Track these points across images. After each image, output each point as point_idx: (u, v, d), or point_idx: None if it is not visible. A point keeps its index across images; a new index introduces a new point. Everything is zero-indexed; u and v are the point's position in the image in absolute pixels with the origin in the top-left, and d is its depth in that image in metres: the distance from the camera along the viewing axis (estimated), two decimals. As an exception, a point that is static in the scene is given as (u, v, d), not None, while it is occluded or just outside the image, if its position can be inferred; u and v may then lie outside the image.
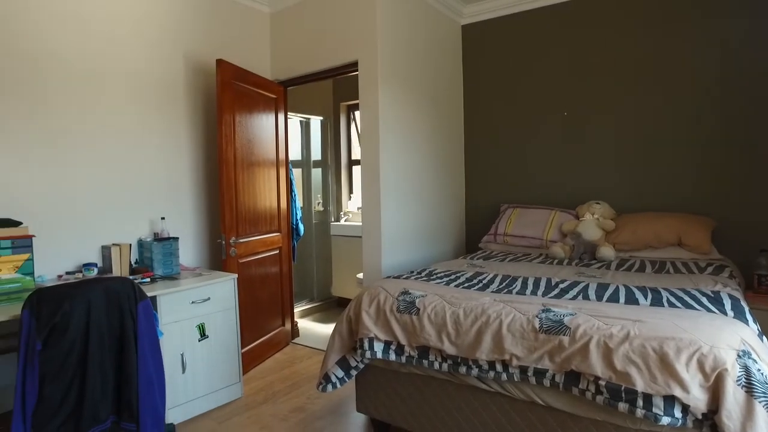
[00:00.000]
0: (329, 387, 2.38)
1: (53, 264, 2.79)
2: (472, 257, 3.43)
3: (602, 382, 1.69)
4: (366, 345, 2.25)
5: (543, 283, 2.46)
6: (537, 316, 1.92)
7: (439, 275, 2.69)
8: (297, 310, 4.43)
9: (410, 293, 2.31)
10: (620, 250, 3.26)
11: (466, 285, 2.46)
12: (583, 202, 3.66)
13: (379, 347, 2.25)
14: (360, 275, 4.24)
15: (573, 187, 3.85)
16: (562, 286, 2.39)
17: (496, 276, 2.67)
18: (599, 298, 2.14)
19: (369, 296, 2.37)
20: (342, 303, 5.19)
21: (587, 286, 2.37)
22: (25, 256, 2.50)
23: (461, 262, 3.17)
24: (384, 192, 3.40)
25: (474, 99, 4.32)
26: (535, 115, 4.01)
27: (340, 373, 2.37)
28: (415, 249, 3.73)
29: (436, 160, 3.99)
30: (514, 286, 2.42)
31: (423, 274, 2.73)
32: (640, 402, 1.62)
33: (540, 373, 1.84)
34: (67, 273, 2.79)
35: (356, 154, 5.34)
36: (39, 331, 1.92)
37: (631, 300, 2.07)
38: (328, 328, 4.49)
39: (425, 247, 3.86)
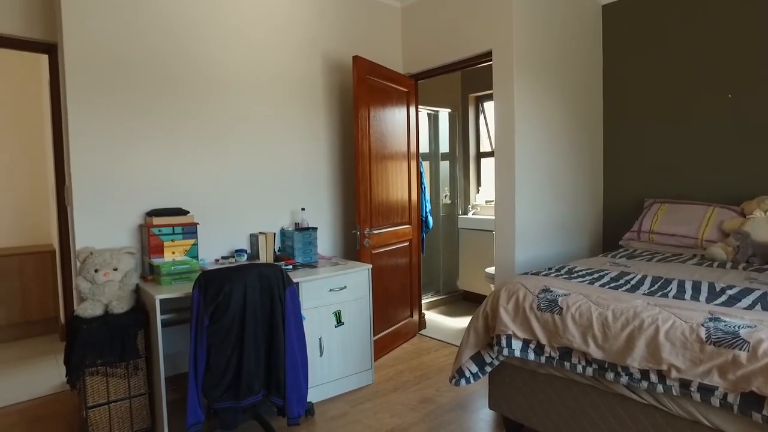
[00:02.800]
0: (462, 381, 2.36)
1: (211, 249, 3.12)
2: (614, 255, 3.17)
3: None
4: (503, 342, 2.19)
5: (705, 288, 2.18)
6: (703, 325, 1.71)
7: (580, 273, 2.52)
8: (423, 302, 4.47)
9: (551, 291, 2.19)
10: (803, 253, 2.79)
11: (611, 285, 2.27)
12: (750, 197, 3.18)
13: (517, 345, 2.17)
14: (490, 269, 4.15)
15: (737, 180, 3.37)
16: (730, 292, 2.10)
17: (645, 277, 2.43)
18: (782, 308, 1.84)
19: (507, 292, 2.30)
20: (468, 297, 5.14)
21: (765, 294, 2.05)
22: (192, 241, 2.83)
23: (603, 260, 2.95)
24: (518, 185, 3.27)
25: (615, 84, 3.97)
26: (689, 99, 3.56)
27: (474, 369, 2.34)
28: (548, 244, 3.55)
29: (572, 151, 3.75)
30: (668, 289, 2.18)
31: (563, 271, 2.58)
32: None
33: (707, 390, 1.63)
34: (222, 257, 3.10)
35: (485, 146, 5.22)
36: (206, 308, 2.16)
37: (827, 313, 1.76)
38: (454, 321, 4.47)
39: (559, 242, 3.65)
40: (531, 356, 2.15)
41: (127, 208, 2.83)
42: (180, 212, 2.85)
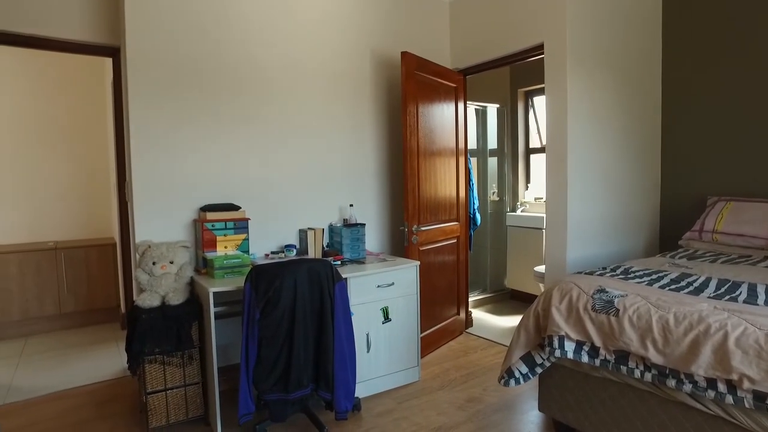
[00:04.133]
0: (512, 382, 2.31)
1: (261, 244, 3.19)
2: (672, 255, 3.01)
3: None
4: (555, 343, 2.12)
5: (778, 292, 2.04)
6: (778, 332, 1.59)
7: (637, 274, 2.42)
8: (470, 300, 4.41)
9: (607, 291, 2.11)
10: None
11: (672, 287, 2.16)
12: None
13: (570, 347, 2.10)
14: (539, 268, 4.05)
15: (815, 177, 3.13)
16: (807, 297, 1.95)
17: (709, 279, 2.29)
18: None
19: (560, 292, 2.23)
20: (515, 296, 5.04)
21: None
22: (243, 236, 2.90)
23: (661, 261, 2.81)
24: (570, 181, 3.17)
25: (675, 73, 3.77)
26: (760, 88, 3.33)
27: (524, 369, 2.28)
28: (601, 243, 3.42)
29: (627, 145, 3.59)
30: (737, 292, 2.05)
31: (618, 271, 2.48)
32: None
33: (783, 402, 1.53)
34: (272, 252, 3.16)
35: (534, 142, 5.09)
36: (258, 301, 2.21)
37: None
38: (501, 320, 4.39)
39: (612, 241, 3.51)
40: (585, 358, 2.07)
41: (181, 203, 2.93)
42: (232, 207, 2.93)
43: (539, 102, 5.01)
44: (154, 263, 2.62)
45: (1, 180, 4.41)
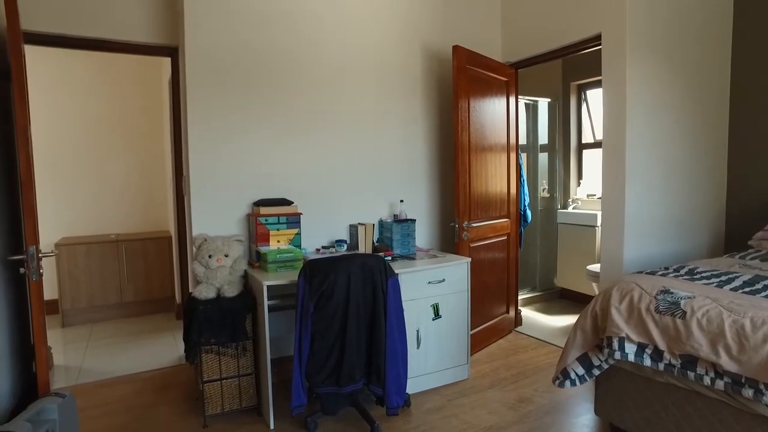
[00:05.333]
0: (567, 383, 2.24)
1: (312, 238, 3.23)
2: (742, 256, 2.84)
3: None
4: (615, 345, 2.04)
5: None
6: None
7: (704, 275, 2.29)
8: (519, 298, 4.33)
9: (672, 293, 2.01)
10: None
11: (746, 290, 2.03)
12: None
13: (631, 349, 2.02)
14: (592, 267, 3.92)
15: None
16: None
17: (786, 282, 2.15)
18: None
19: (619, 292, 2.15)
20: (565, 295, 4.90)
21: None
22: (295, 230, 2.94)
23: (730, 262, 2.66)
24: (628, 177, 3.04)
25: (747, 59, 3.54)
26: None
27: (581, 371, 2.21)
28: (661, 242, 3.27)
29: (691, 139, 3.41)
30: (818, 296, 1.91)
31: (682, 272, 2.36)
32: None
33: None
34: (323, 247, 3.20)
35: (587, 137, 4.93)
36: (311, 296, 2.23)
37: None
38: (551, 320, 4.29)
39: (673, 240, 3.35)
40: (647, 362, 1.99)
41: (236, 198, 3.00)
42: (284, 202, 2.97)
43: (593, 96, 4.84)
44: (210, 256, 2.70)
45: (69, 176, 4.66)
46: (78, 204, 4.72)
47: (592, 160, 4.85)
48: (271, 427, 2.55)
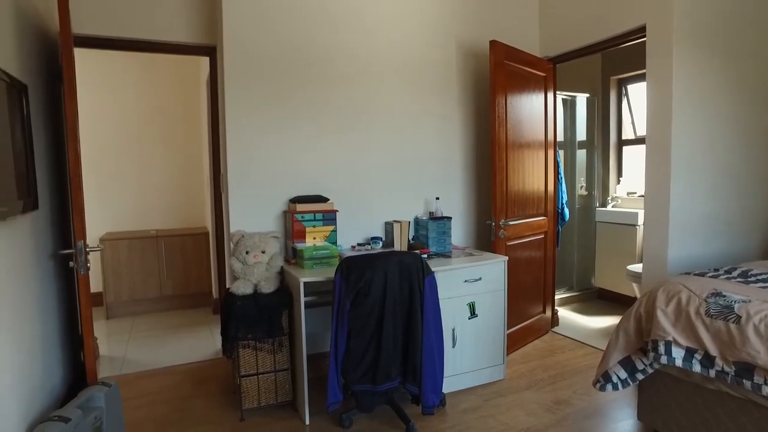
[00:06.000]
0: (608, 387, 2.18)
1: (347, 235, 3.23)
2: (797, 258, 2.71)
3: None
4: (661, 349, 1.97)
5: None
6: None
7: (759, 277, 2.19)
8: (556, 297, 4.24)
9: (725, 296, 1.92)
10: None
11: (805, 294, 1.93)
12: None
13: (678, 354, 1.94)
14: (633, 267, 3.81)
15: None
16: None
17: None
18: None
19: (666, 293, 2.07)
20: (603, 295, 4.78)
21: None
22: (331, 227, 2.95)
23: (784, 264, 2.53)
24: (674, 175, 2.93)
25: (804, 56, 3.36)
26: None
27: (623, 374, 2.14)
28: (707, 242, 3.14)
29: (743, 138, 3.25)
30: None
31: (734, 273, 2.26)
32: None
33: None
34: (358, 244, 3.20)
35: (627, 133, 4.78)
36: (348, 293, 2.24)
37: None
38: (588, 320, 4.19)
39: (722, 241, 3.21)
40: (696, 368, 1.91)
41: (272, 195, 3.03)
42: (320, 199, 2.99)
43: (635, 90, 4.68)
44: (247, 252, 2.73)
45: (112, 173, 4.81)
46: (120, 200, 4.86)
47: (633, 156, 4.70)
48: (307, 422, 2.56)
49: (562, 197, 4.15)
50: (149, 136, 4.94)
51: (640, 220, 4.18)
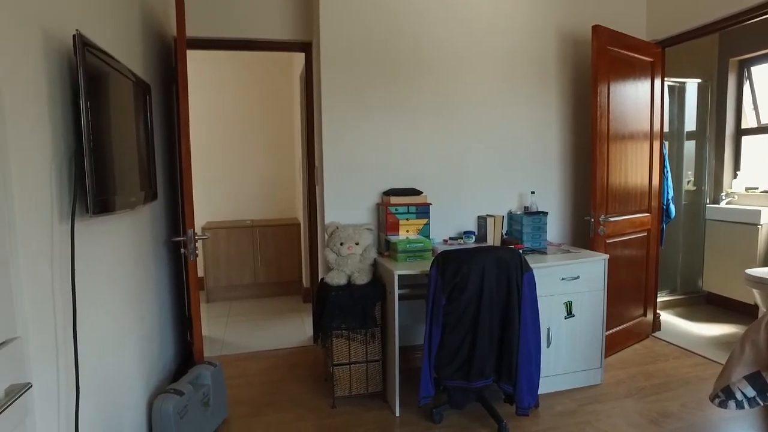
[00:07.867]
0: (731, 404, 1.97)
1: (440, 229, 3.21)
2: None
3: None
4: (799, 365, 1.76)
5: None
6: None
7: None
8: (658, 300, 3.94)
9: None
10: None
11: None
12: None
13: (820, 371, 1.72)
14: (754, 271, 3.44)
15: None
16: None
17: None
18: None
19: (805, 303, 1.84)
20: (712, 300, 4.38)
21: None
22: (425, 220, 2.94)
23: None
24: (810, 168, 2.60)
25: None
26: None
27: (750, 392, 1.93)
28: None
29: None
30: None
31: None
32: None
33: None
34: (451, 238, 3.16)
35: (749, 121, 4.31)
36: (444, 287, 2.21)
37: None
38: (694, 327, 3.86)
39: None
40: (842, 388, 1.68)
41: (366, 187, 3.07)
42: (414, 192, 2.98)
43: (760, 72, 4.21)
44: (341, 244, 2.79)
45: (213, 166, 5.13)
46: (219, 192, 5.17)
47: (755, 148, 4.24)
48: (397, 414, 2.58)
49: (667, 193, 3.83)
50: (247, 130, 5.20)
51: (763, 219, 3.77)
